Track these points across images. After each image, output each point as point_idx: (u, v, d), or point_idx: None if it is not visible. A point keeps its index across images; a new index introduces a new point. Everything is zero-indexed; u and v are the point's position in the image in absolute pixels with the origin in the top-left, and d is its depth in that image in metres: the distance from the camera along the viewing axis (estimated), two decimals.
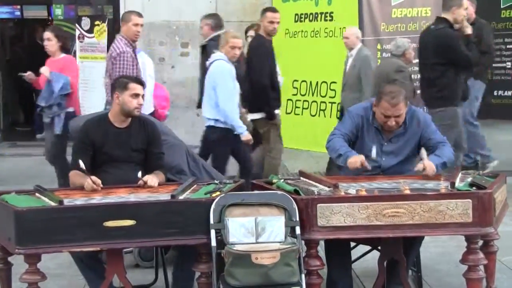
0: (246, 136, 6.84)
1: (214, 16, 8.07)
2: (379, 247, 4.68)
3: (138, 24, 6.95)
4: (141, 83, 5.02)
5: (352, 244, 4.88)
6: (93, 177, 4.50)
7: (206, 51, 7.55)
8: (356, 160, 4.72)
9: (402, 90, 4.87)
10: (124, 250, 4.99)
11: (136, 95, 4.89)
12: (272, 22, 7.58)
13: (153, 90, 7.24)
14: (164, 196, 4.38)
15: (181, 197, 4.26)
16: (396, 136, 4.90)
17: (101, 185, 4.51)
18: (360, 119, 4.92)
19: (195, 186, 4.64)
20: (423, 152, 4.73)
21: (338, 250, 4.62)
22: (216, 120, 6.79)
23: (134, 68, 6.82)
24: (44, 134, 7.73)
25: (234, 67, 6.88)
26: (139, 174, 4.63)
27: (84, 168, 4.47)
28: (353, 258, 4.86)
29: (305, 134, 10.62)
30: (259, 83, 7.37)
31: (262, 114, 7.53)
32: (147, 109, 6.65)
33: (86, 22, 9.81)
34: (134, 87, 4.90)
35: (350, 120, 4.95)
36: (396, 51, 7.99)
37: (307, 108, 10.67)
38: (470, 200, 4.14)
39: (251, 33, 8.97)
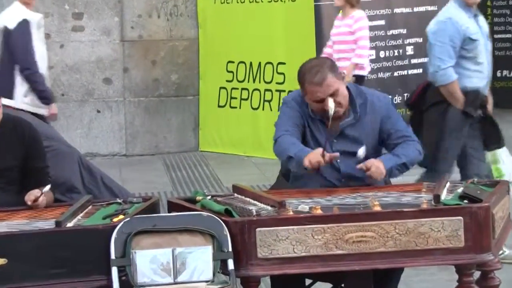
0: None
1: None
2: (343, 285, 4.71)
3: None
4: None
5: (308, 281, 4.91)
6: None
7: None
8: (314, 154, 4.69)
9: (325, 60, 5.00)
10: None
11: None
12: None
13: None
14: (47, 223, 4.35)
15: (69, 224, 4.25)
16: (346, 127, 4.91)
17: None
18: (300, 107, 4.96)
19: (90, 207, 4.63)
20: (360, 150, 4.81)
21: None
22: None
23: None
24: None
25: None
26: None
27: None
28: None
29: (245, 134, 10.65)
30: None
31: None
32: None
33: None
34: None
35: (290, 110, 4.97)
36: None
37: (246, 99, 10.72)
38: (461, 218, 4.20)
39: None
